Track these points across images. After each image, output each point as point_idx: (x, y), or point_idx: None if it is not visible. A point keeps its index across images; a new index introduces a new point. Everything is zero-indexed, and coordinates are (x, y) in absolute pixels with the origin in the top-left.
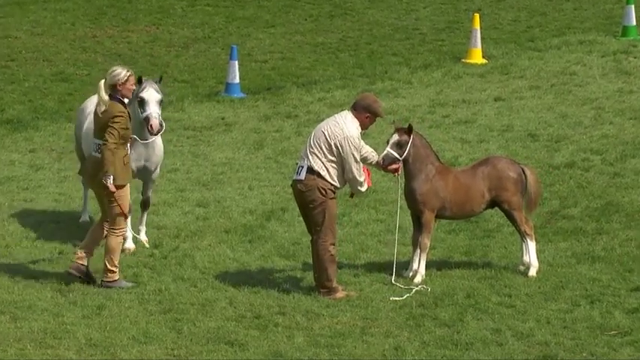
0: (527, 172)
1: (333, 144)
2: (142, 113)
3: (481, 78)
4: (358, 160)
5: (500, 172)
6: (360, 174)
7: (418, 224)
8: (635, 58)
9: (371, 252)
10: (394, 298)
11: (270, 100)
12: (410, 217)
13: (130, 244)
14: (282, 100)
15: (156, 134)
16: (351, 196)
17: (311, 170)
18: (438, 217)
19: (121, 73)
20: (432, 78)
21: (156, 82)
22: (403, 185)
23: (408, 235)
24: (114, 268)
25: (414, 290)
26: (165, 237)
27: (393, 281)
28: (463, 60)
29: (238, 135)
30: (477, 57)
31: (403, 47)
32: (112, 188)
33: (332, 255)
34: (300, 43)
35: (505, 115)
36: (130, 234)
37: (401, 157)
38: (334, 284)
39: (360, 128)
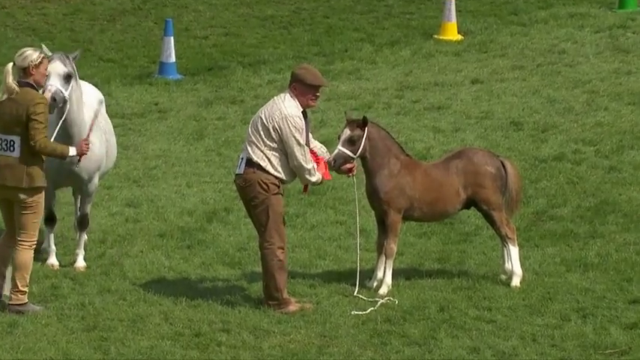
0: (508, 166)
1: (271, 127)
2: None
3: (456, 57)
4: (302, 142)
5: (477, 166)
6: (306, 160)
7: (383, 227)
8: (633, 33)
9: (329, 259)
10: (356, 313)
11: (211, 83)
12: (374, 219)
13: (53, 260)
14: (225, 83)
15: (51, 112)
16: (304, 190)
17: (250, 162)
18: (405, 218)
19: (33, 54)
20: (399, 57)
21: (69, 57)
22: (365, 183)
23: (372, 240)
24: (24, 289)
25: (379, 303)
26: (89, 242)
27: (355, 293)
28: (435, 36)
29: (174, 123)
30: (451, 33)
31: (366, 21)
32: (85, 149)
33: (280, 261)
34: (247, 17)
35: (484, 100)
36: (53, 248)
37: (355, 154)
38: (284, 295)
39: (300, 107)
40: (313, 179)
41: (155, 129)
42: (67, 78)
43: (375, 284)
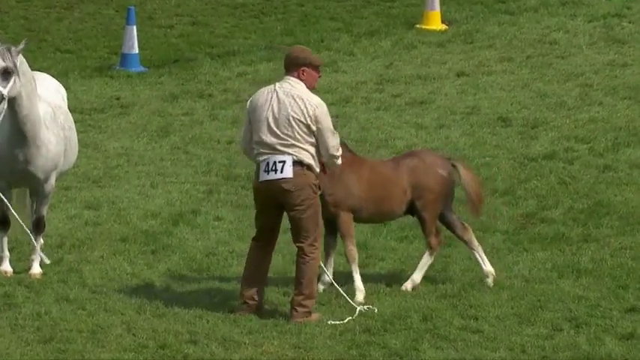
0: (461, 169)
1: (310, 122)
2: None
3: (440, 48)
4: (334, 129)
5: (429, 167)
6: (337, 146)
7: (330, 228)
8: (629, 22)
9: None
10: (333, 322)
11: (177, 76)
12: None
13: (6, 267)
14: (192, 76)
15: None
16: (324, 171)
17: (299, 164)
18: (354, 220)
19: None
20: (379, 48)
21: (10, 50)
22: None
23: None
24: None
25: (357, 311)
26: (45, 247)
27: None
28: (418, 26)
29: (137, 119)
30: (434, 22)
31: (343, 10)
32: None
33: (319, 267)
34: (215, 5)
35: (470, 95)
36: (6, 253)
37: None
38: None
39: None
40: (338, 162)
41: (117, 125)
42: (6, 74)
43: (322, 288)
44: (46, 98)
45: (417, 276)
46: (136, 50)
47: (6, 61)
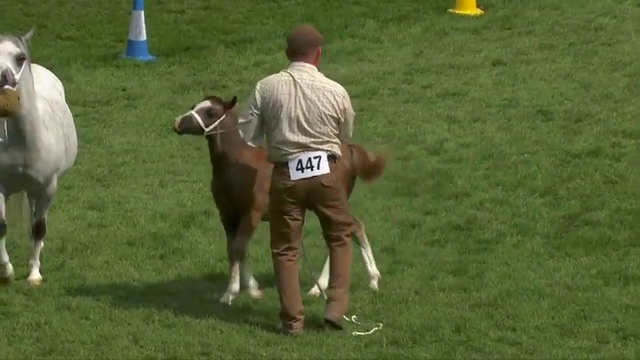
0: (354, 151)
1: (341, 116)
2: None
3: (475, 35)
4: None
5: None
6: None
7: (232, 229)
8: None
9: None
10: (358, 333)
11: (188, 65)
12: (378, 223)
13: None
14: (205, 65)
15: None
16: None
17: (333, 157)
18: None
19: None
20: (408, 35)
21: (21, 39)
22: (212, 178)
23: (377, 247)
24: None
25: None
26: (45, 251)
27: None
28: (450, 10)
29: (145, 112)
30: (469, 6)
31: None
32: None
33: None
34: None
35: (507, 85)
36: (6, 257)
37: (206, 128)
38: None
39: None
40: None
41: (123, 119)
42: (20, 60)
43: (230, 298)
44: (43, 94)
45: (374, 269)
46: (144, 37)
47: (20, 47)
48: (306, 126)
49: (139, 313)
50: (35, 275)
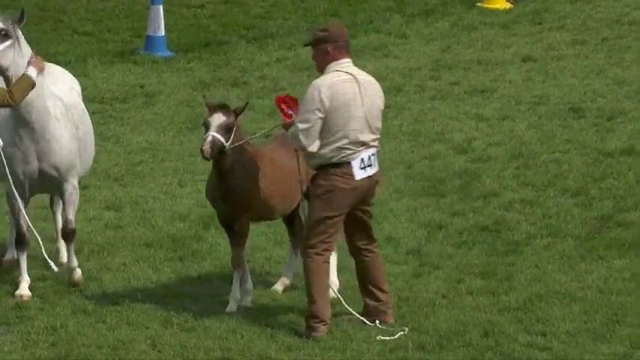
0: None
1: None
2: None
3: (504, 29)
4: None
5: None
6: None
7: (231, 230)
8: None
9: (350, 273)
10: (383, 338)
11: (208, 61)
12: (404, 225)
13: (24, 290)
14: (225, 61)
15: None
16: None
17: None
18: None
19: None
20: (435, 30)
21: (6, 18)
22: (211, 181)
23: (403, 249)
24: None
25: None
26: (60, 253)
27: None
28: (479, 4)
29: (164, 110)
30: (498, 0)
31: None
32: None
33: None
34: None
35: (537, 82)
36: (26, 277)
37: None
38: None
39: None
40: None
41: (140, 117)
42: (3, 36)
43: (235, 306)
44: (60, 95)
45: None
46: (163, 32)
47: (5, 24)
48: (370, 123)
49: (157, 317)
50: (77, 276)
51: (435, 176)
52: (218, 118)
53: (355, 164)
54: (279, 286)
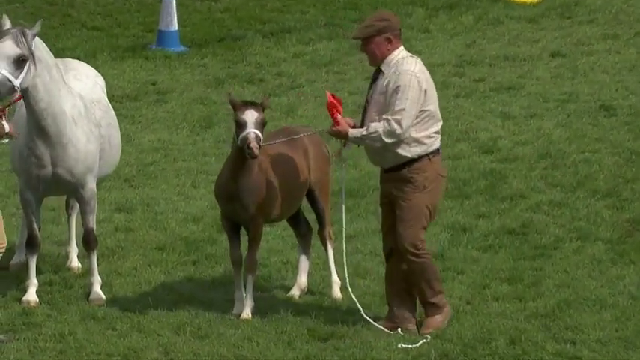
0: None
1: None
2: None
3: (531, 23)
4: None
5: (320, 145)
6: None
7: (237, 236)
8: None
9: (370, 277)
10: (405, 346)
11: (223, 57)
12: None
13: (32, 295)
14: (240, 57)
15: None
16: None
17: None
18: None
19: None
20: (459, 24)
21: (25, 33)
22: (223, 179)
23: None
24: None
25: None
26: (65, 256)
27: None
28: None
29: (177, 107)
30: None
31: None
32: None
33: None
34: None
35: (566, 79)
36: (34, 281)
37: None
38: None
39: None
40: None
41: (152, 115)
42: (20, 62)
43: (240, 308)
44: (82, 93)
45: (335, 277)
46: (175, 27)
47: (20, 46)
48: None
49: (169, 323)
50: (96, 294)
51: (459, 177)
52: (252, 115)
53: (440, 153)
54: (296, 291)
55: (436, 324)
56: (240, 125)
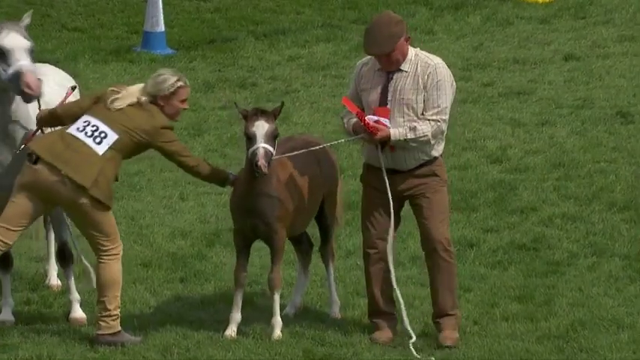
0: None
1: None
2: (4, 70)
3: (543, 24)
4: None
5: (330, 154)
6: None
7: (247, 253)
8: None
9: None
10: None
11: (213, 60)
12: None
13: (8, 315)
14: (231, 60)
15: (31, 98)
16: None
17: None
18: None
19: (170, 79)
20: (466, 25)
21: (19, 25)
22: (238, 191)
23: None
24: (116, 311)
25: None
26: (43, 273)
27: (411, 342)
28: None
29: None
30: None
31: None
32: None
33: None
34: None
35: (581, 83)
36: (10, 301)
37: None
38: None
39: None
40: None
41: None
42: (32, 53)
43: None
44: (49, 100)
45: (335, 297)
46: (162, 28)
47: (29, 39)
48: None
49: (155, 345)
50: (77, 313)
51: (466, 188)
52: (262, 127)
53: None
54: (290, 310)
55: (455, 339)
56: (249, 138)
